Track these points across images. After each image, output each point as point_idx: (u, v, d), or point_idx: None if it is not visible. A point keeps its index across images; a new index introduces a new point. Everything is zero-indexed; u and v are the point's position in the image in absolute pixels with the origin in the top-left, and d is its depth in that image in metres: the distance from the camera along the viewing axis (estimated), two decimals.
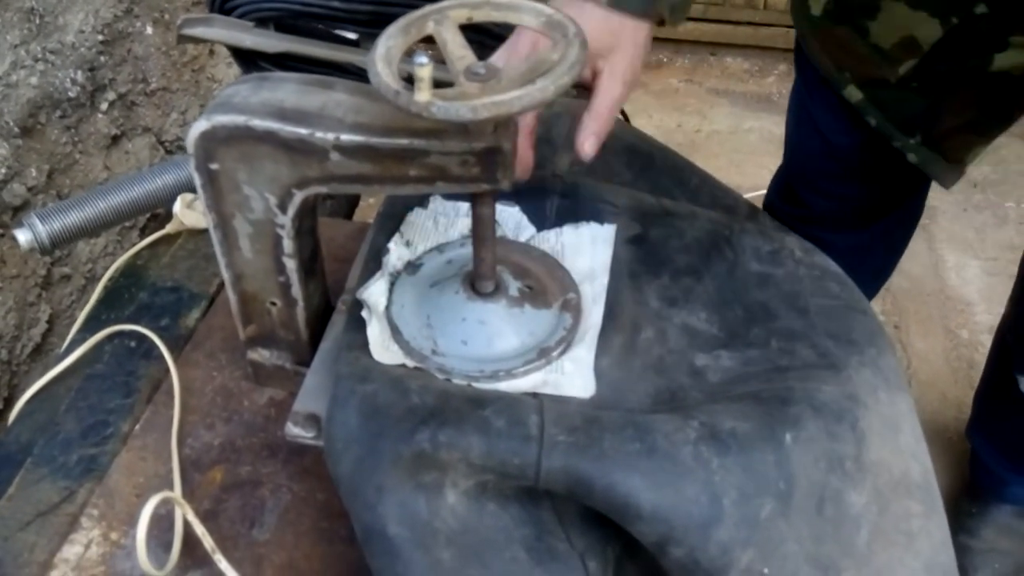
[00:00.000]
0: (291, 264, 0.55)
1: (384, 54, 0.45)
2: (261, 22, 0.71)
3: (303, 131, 0.47)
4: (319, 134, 0.47)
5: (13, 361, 0.85)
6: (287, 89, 0.49)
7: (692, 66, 2.17)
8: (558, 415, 0.47)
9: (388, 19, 0.49)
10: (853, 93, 0.72)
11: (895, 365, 0.57)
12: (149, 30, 0.98)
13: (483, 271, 0.55)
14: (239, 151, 0.48)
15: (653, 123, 2.00)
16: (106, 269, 0.95)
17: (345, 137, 0.47)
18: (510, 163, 0.48)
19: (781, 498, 0.46)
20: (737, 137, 1.93)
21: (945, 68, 0.65)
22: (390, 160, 0.48)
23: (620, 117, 0.94)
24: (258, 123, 0.47)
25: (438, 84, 0.44)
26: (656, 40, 2.20)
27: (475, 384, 0.53)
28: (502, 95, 0.42)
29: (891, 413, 0.52)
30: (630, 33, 0.56)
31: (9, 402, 0.85)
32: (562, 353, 0.54)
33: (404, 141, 0.47)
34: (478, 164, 0.48)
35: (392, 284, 0.59)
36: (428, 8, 0.48)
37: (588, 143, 0.56)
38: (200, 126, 0.48)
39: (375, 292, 0.58)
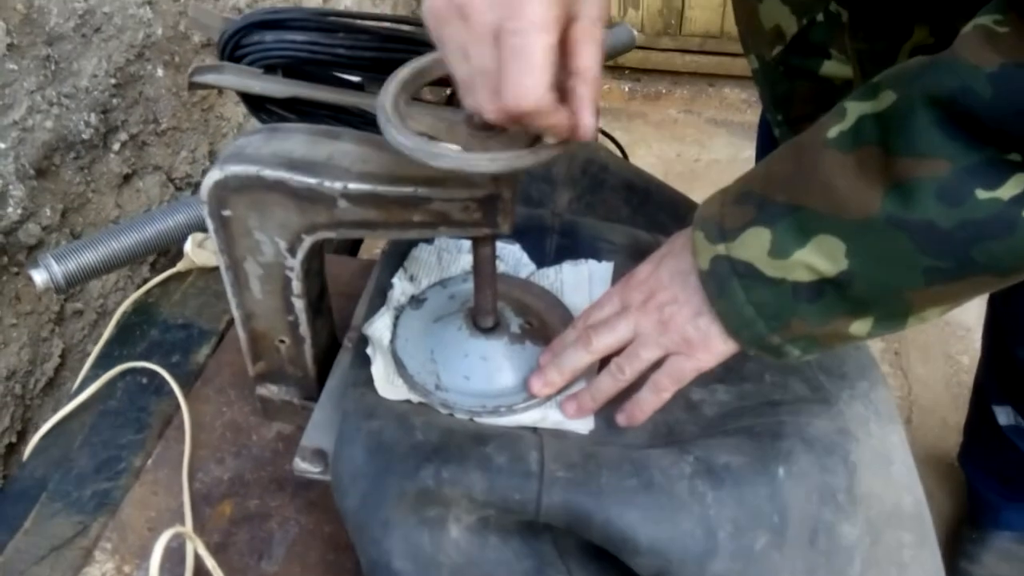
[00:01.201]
0: (299, 304, 0.57)
1: (393, 100, 0.47)
2: (269, 69, 0.74)
3: (312, 180, 0.49)
4: (327, 183, 0.49)
5: (26, 396, 0.86)
6: (296, 140, 0.51)
7: (691, 97, 2.20)
8: (557, 451, 0.49)
9: (390, 64, 0.51)
10: (752, 61, 0.80)
11: (887, 398, 0.58)
12: (160, 72, 1.01)
13: (484, 308, 0.57)
14: (251, 199, 0.51)
15: (653, 153, 2.03)
16: (117, 304, 0.98)
17: (352, 186, 0.49)
18: (510, 209, 0.50)
19: (775, 531, 0.47)
20: (736, 166, 1.96)
21: (797, 62, 0.72)
22: (395, 207, 0.50)
23: (618, 153, 0.97)
24: (269, 173, 0.49)
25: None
26: (655, 72, 2.23)
27: (477, 419, 0.55)
28: (504, 154, 0.44)
29: (882, 446, 0.54)
30: None
31: (23, 435, 0.86)
32: (561, 389, 0.56)
33: (408, 189, 0.49)
34: (479, 210, 0.50)
35: (396, 318, 0.61)
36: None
37: (592, 119, 0.41)
38: (214, 176, 0.50)
39: (379, 327, 0.60)
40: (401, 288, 0.64)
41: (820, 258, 0.43)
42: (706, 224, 0.49)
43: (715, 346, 0.49)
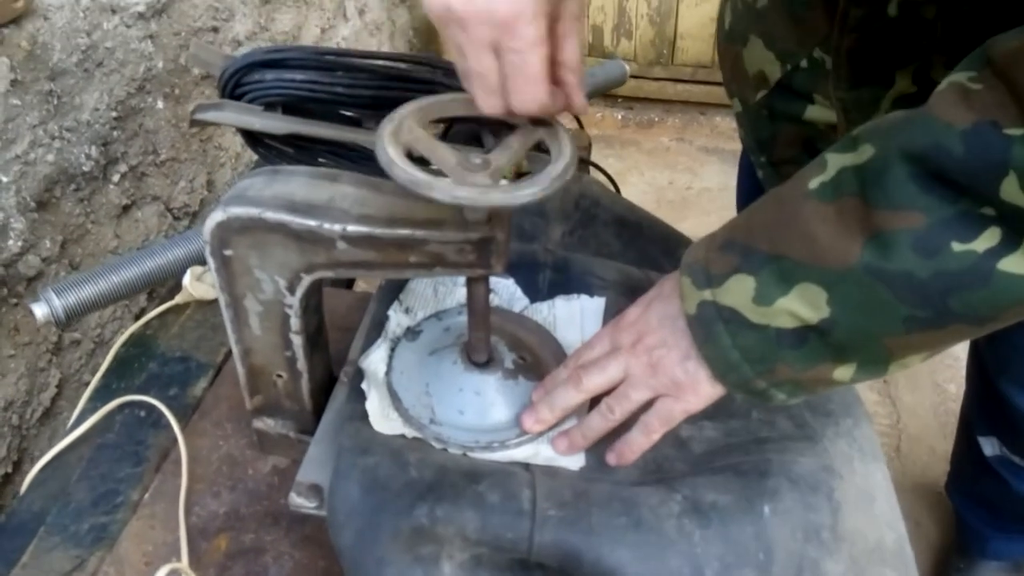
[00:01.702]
0: (297, 340, 0.58)
1: (393, 130, 0.48)
2: (269, 106, 0.75)
3: (312, 223, 0.50)
4: (327, 225, 0.50)
5: (23, 426, 0.87)
6: (297, 182, 0.53)
7: (683, 125, 2.24)
8: (549, 489, 0.50)
9: (387, 101, 0.53)
10: (736, 104, 0.81)
11: (870, 435, 0.60)
12: (160, 104, 1.03)
13: (478, 345, 0.58)
14: (252, 239, 0.52)
15: (645, 180, 2.06)
16: (114, 333, 0.99)
17: (351, 228, 0.50)
18: (503, 250, 0.52)
19: (761, 569, 0.48)
20: (727, 194, 1.98)
21: (780, 106, 0.73)
22: (392, 248, 0.52)
23: (611, 188, 0.99)
24: (271, 215, 0.50)
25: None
26: (648, 101, 2.26)
27: (470, 454, 0.56)
28: (493, 192, 0.46)
29: (866, 483, 0.55)
30: None
31: (18, 465, 0.87)
32: (554, 426, 0.57)
33: (405, 231, 0.51)
34: (473, 251, 0.51)
35: (392, 350, 0.62)
36: (454, 95, 0.52)
37: (582, 100, 0.50)
38: (216, 217, 0.51)
39: (375, 359, 0.61)
40: (397, 320, 0.65)
41: (802, 305, 0.45)
42: (693, 270, 0.50)
43: (703, 389, 0.51)
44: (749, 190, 1.02)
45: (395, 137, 0.48)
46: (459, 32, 0.43)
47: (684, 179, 2.07)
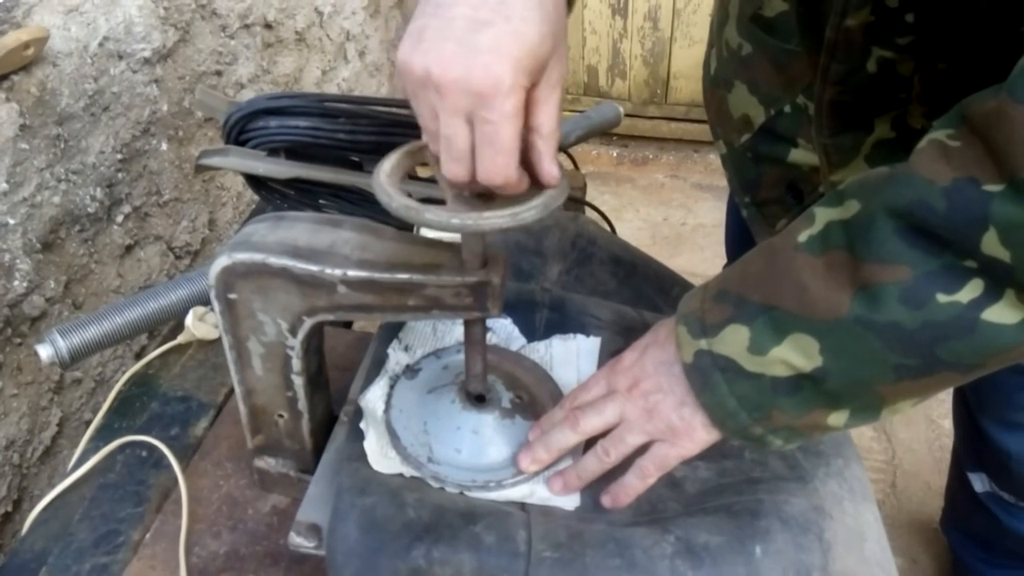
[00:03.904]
0: (298, 381, 0.59)
1: (388, 171, 0.50)
2: (272, 151, 0.77)
3: (314, 268, 0.52)
4: (328, 270, 0.52)
5: (24, 464, 0.88)
6: (300, 228, 0.55)
7: (677, 162, 2.27)
8: (544, 530, 0.51)
9: (388, 146, 0.54)
10: (720, 146, 0.82)
11: (861, 475, 0.61)
12: (164, 146, 1.05)
13: (475, 384, 0.60)
14: (256, 284, 0.53)
15: (640, 217, 2.08)
16: (115, 372, 1.00)
17: (352, 273, 0.52)
18: (499, 294, 0.53)
19: None
20: (721, 230, 1.99)
21: (765, 149, 0.75)
22: (391, 292, 0.53)
23: (606, 228, 1.01)
24: (274, 261, 0.52)
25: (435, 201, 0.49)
26: (642, 139, 2.29)
27: (467, 493, 0.57)
28: (481, 213, 0.47)
29: (856, 523, 0.56)
30: (564, 30, 0.47)
31: (18, 504, 0.87)
32: (549, 465, 0.58)
33: (404, 276, 0.52)
34: (470, 295, 0.53)
35: (391, 387, 0.63)
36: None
37: (555, 168, 0.47)
38: (222, 262, 0.53)
39: (373, 398, 0.62)
40: (396, 358, 0.66)
41: (796, 355, 0.46)
42: (688, 319, 0.51)
43: (698, 435, 0.52)
44: (737, 228, 1.04)
45: (392, 171, 0.50)
46: (435, 97, 0.43)
47: (679, 215, 2.10)
